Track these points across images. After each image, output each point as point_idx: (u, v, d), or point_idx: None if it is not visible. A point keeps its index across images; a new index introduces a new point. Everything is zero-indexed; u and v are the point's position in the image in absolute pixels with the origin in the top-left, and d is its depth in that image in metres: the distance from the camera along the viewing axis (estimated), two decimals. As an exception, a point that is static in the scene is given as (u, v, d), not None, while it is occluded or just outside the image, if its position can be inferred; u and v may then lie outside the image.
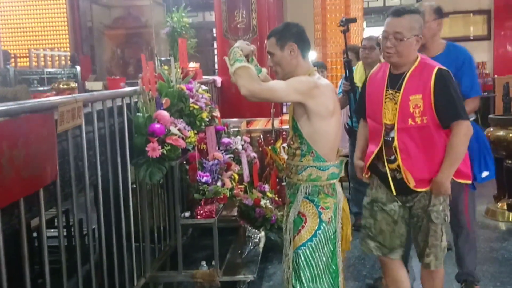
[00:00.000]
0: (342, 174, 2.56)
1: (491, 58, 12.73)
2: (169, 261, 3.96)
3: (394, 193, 2.68)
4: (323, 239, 2.37)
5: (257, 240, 4.34)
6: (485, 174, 3.31)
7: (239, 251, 4.15)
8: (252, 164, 4.55)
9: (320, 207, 2.39)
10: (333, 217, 2.41)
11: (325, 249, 2.37)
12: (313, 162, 2.41)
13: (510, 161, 4.98)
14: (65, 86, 3.07)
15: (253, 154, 4.63)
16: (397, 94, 2.59)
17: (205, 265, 3.76)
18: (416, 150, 2.59)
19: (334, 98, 2.45)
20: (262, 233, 4.37)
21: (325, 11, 9.10)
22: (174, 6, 9.56)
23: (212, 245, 3.67)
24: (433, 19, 3.24)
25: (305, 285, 2.35)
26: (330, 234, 2.39)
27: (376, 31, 16.18)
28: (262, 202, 4.32)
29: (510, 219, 5.01)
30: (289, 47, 2.43)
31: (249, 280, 3.67)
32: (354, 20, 5.08)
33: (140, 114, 3.35)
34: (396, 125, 2.59)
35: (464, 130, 2.56)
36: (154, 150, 3.26)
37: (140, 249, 3.53)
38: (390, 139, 2.62)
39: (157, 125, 3.32)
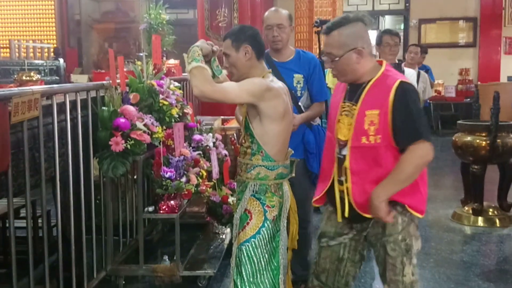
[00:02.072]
0: (293, 174, 2.58)
1: (476, 65, 12.81)
2: (135, 255, 3.96)
3: (339, 219, 2.37)
4: (267, 237, 2.39)
5: (223, 236, 4.36)
6: None
7: (205, 247, 4.16)
8: (223, 162, 4.57)
9: (266, 205, 2.41)
10: (278, 215, 2.42)
11: (268, 246, 2.39)
12: (262, 162, 2.42)
13: (476, 167, 5.01)
14: (28, 78, 3.08)
15: (225, 152, 4.63)
16: (354, 107, 2.28)
17: (167, 259, 3.77)
18: (369, 172, 2.26)
19: (286, 101, 2.46)
20: (228, 230, 4.38)
21: (311, 12, 9.14)
22: (163, 2, 9.60)
23: (180, 241, 3.69)
24: (289, 25, 3.24)
25: (245, 280, 2.37)
26: (274, 232, 2.41)
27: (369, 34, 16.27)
28: (230, 200, 4.32)
29: (475, 223, 5.04)
30: (244, 49, 2.45)
31: (209, 275, 3.68)
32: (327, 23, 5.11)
33: (105, 108, 3.36)
34: (350, 142, 2.28)
35: (421, 151, 2.17)
36: (117, 144, 3.26)
37: (102, 242, 3.55)
38: (342, 157, 2.32)
39: (122, 120, 3.32)
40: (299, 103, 3.25)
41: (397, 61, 4.29)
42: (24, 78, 3.09)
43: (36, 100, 2.58)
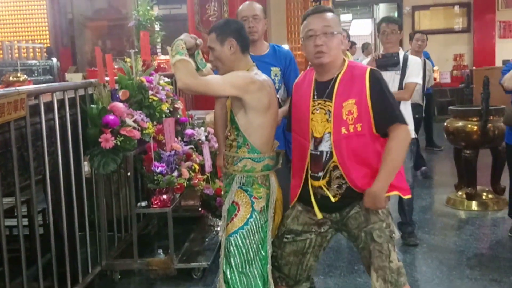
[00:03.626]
0: (279, 165, 2.60)
1: (471, 50, 12.80)
2: (130, 249, 4.00)
3: (319, 215, 2.38)
4: (255, 227, 2.41)
5: (218, 228, 4.39)
6: None
7: (200, 240, 4.20)
8: (215, 155, 4.59)
9: (253, 196, 2.43)
10: (265, 206, 2.44)
11: (256, 237, 2.41)
12: (248, 154, 2.44)
13: (468, 151, 5.04)
14: (15, 79, 3.09)
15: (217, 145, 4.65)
16: (327, 103, 2.32)
17: (161, 253, 3.83)
18: (353, 162, 2.30)
19: (271, 94, 2.47)
20: (223, 222, 4.41)
21: (307, 4, 9.19)
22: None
23: (175, 234, 3.73)
24: (263, 18, 3.25)
25: (234, 270, 2.39)
26: (261, 222, 2.43)
27: (363, 23, 16.21)
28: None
29: (469, 208, 5.08)
30: (229, 42, 2.46)
31: (203, 267, 3.71)
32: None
33: (94, 106, 3.38)
34: (332, 137, 2.30)
35: (402, 135, 2.29)
36: (107, 141, 3.29)
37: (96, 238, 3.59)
38: (319, 153, 2.35)
39: (111, 117, 3.34)
40: (277, 96, 3.24)
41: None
42: (11, 79, 3.11)
43: (23, 100, 2.61)
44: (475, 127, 4.95)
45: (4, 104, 2.45)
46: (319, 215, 2.40)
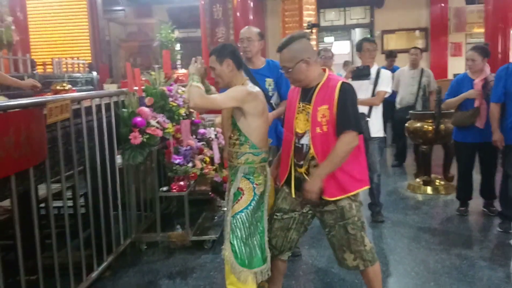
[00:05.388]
0: (270, 158, 2.58)
1: (428, 66, 12.73)
2: (155, 225, 3.98)
3: (293, 194, 2.38)
4: (255, 207, 2.41)
5: (224, 208, 4.37)
6: None
7: (210, 217, 4.19)
8: (222, 150, 4.56)
9: (254, 183, 2.42)
10: (263, 191, 2.44)
11: (256, 215, 2.41)
12: (249, 149, 2.43)
13: (425, 147, 5.02)
14: (61, 88, 3.07)
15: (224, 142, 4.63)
16: (308, 106, 2.31)
17: (179, 228, 3.81)
18: (326, 154, 2.26)
19: (263, 102, 2.46)
20: (228, 203, 4.39)
21: (300, 26, 9.17)
22: (177, 23, 9.51)
23: (190, 213, 3.72)
24: (257, 40, 3.21)
25: (240, 241, 2.39)
26: (260, 203, 2.43)
27: (343, 44, 16.17)
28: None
29: (425, 192, 5.05)
30: (226, 62, 2.45)
31: (213, 239, 3.70)
32: (317, 25, 5.11)
33: (125, 110, 3.37)
34: (309, 133, 2.29)
35: (348, 139, 2.21)
36: (135, 138, 3.28)
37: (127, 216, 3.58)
38: (300, 145, 2.34)
39: (139, 119, 3.34)
40: (271, 101, 3.25)
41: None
42: (58, 87, 3.09)
43: (67, 105, 2.60)
44: (430, 127, 4.93)
45: (52, 108, 2.43)
46: (293, 194, 2.40)
